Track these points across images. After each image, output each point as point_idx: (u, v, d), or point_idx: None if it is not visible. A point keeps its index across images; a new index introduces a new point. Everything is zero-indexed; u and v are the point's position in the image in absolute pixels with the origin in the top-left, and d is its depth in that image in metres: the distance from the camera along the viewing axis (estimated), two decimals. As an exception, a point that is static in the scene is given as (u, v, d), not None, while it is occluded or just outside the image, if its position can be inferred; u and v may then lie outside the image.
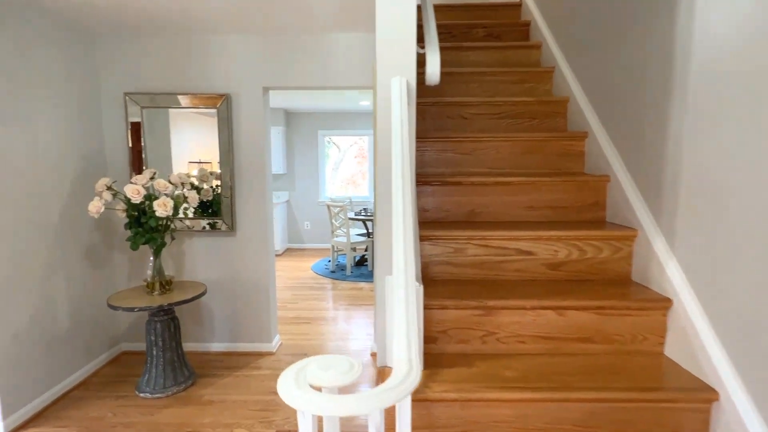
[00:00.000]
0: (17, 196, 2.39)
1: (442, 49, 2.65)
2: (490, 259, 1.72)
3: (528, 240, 1.71)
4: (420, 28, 2.65)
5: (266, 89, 3.11)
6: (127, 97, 3.04)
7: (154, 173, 2.68)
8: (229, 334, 3.29)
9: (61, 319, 2.70)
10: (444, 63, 2.67)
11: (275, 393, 2.72)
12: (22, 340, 2.42)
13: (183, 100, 3.05)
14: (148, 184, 2.61)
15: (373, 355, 3.26)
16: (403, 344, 0.76)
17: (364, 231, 6.50)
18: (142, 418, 2.45)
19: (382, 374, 1.31)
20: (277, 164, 6.94)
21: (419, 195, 1.93)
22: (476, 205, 1.96)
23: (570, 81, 2.32)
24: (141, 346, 3.32)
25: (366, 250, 6.48)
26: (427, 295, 1.50)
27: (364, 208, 6.26)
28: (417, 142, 2.09)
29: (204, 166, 3.17)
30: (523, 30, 3.00)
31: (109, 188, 2.59)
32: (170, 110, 3.09)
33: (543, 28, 2.72)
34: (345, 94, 5.58)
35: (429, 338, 1.50)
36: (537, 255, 1.72)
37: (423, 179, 1.92)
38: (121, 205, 2.65)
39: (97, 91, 3.04)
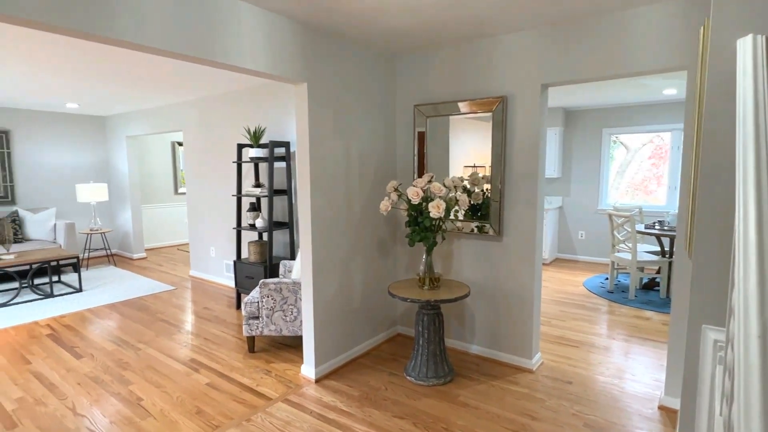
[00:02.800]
0: (336, 193, 3.01)
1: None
2: None
3: None
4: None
5: (545, 86, 2.87)
6: (416, 109, 3.39)
7: (432, 177, 2.88)
8: (488, 339, 3.25)
9: (356, 295, 3.27)
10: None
11: (530, 416, 2.49)
12: (331, 307, 3.04)
13: (462, 107, 3.17)
14: (426, 187, 2.83)
15: (663, 409, 2.55)
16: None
17: (658, 249, 5.30)
18: (407, 400, 2.68)
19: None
20: (550, 167, 6.51)
21: None
22: None
23: None
24: (412, 331, 3.68)
25: (658, 273, 5.28)
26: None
27: (659, 221, 5.10)
28: None
29: (478, 170, 3.21)
30: None
31: (396, 190, 2.94)
32: (450, 117, 3.27)
33: None
34: (642, 82, 4.66)
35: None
36: None
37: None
38: (404, 205, 2.97)
39: (393, 104, 3.53)
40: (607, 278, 5.50)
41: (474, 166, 3.26)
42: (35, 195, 6.42)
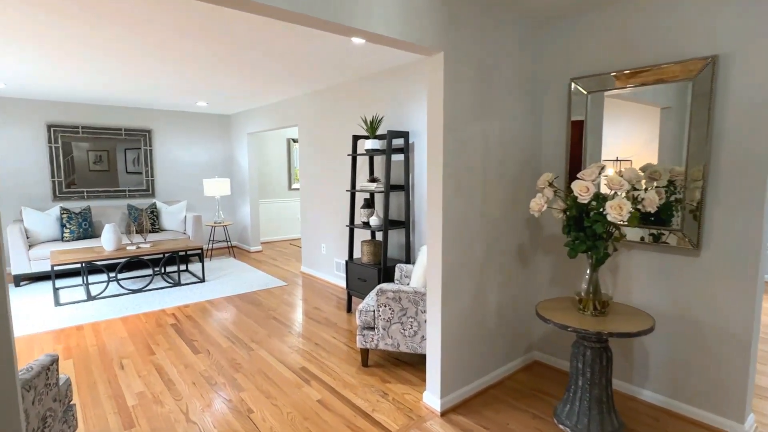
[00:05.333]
0: (472, 188, 2.48)
1: None
2: None
3: None
4: None
5: (784, 38, 2.00)
6: (572, 84, 2.70)
7: (602, 167, 2.19)
8: (670, 385, 2.44)
9: (489, 312, 2.70)
10: None
11: None
12: (462, 326, 2.52)
13: (633, 79, 2.42)
14: (597, 181, 2.15)
15: None
16: None
17: None
18: (565, 460, 2.04)
19: None
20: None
21: None
22: None
23: None
24: (553, 360, 2.99)
25: None
26: None
27: None
28: None
29: (621, 164, 2.52)
30: None
31: (550, 184, 2.31)
32: (610, 97, 2.53)
33: None
34: None
35: None
36: None
37: None
38: (558, 204, 2.32)
39: (540, 80, 2.87)
40: (817, 308, 4.12)
41: (617, 160, 2.54)
42: (170, 188, 6.95)
